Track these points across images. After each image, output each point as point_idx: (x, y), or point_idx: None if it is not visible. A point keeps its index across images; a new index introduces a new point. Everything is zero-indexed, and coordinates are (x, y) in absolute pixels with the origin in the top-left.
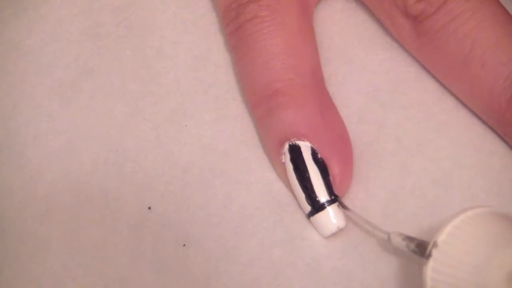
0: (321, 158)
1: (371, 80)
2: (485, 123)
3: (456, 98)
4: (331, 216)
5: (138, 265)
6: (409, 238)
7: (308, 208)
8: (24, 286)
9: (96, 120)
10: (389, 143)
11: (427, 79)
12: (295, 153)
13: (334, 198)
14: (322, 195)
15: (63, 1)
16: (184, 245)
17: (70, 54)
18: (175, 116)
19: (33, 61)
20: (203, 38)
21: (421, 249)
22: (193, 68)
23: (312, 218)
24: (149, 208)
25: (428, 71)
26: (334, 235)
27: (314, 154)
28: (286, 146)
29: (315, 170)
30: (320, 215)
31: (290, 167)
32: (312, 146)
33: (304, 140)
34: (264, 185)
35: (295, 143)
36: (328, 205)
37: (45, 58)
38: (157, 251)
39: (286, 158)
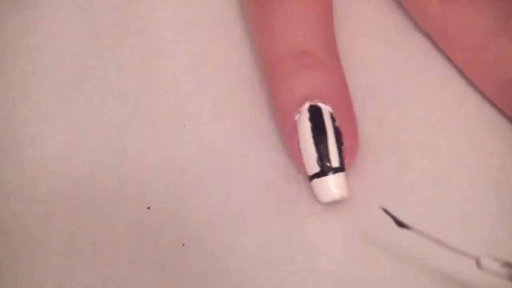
0: (338, 126)
1: (370, 78)
2: (484, 121)
3: (456, 95)
4: (336, 182)
5: (137, 265)
6: (509, 265)
7: (315, 169)
8: (24, 286)
9: (95, 120)
10: (388, 141)
11: (427, 77)
12: (316, 113)
13: (342, 167)
14: (334, 160)
15: (61, 0)
16: (183, 244)
17: (69, 54)
18: (174, 115)
19: (31, 61)
20: (202, 37)
21: None
22: (192, 68)
23: (316, 180)
24: (148, 208)
25: (428, 70)
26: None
27: (333, 120)
28: (306, 105)
29: (333, 135)
30: (326, 178)
31: (307, 125)
32: (332, 113)
33: (326, 104)
34: (263, 183)
35: (318, 104)
36: (335, 172)
37: (44, 57)
38: (156, 251)
39: (303, 116)
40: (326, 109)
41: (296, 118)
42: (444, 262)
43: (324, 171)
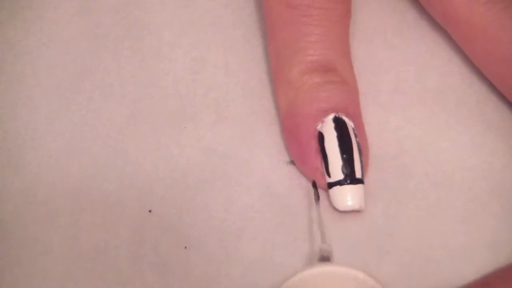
0: (358, 141)
1: (371, 81)
2: (485, 122)
3: (456, 97)
4: (358, 192)
5: (139, 268)
6: None
7: (339, 176)
8: None
9: (95, 122)
10: (389, 145)
11: (427, 78)
12: (342, 125)
13: (362, 179)
14: (358, 171)
15: (59, 1)
16: (185, 247)
17: (68, 55)
18: (174, 118)
19: (30, 62)
20: (201, 39)
21: None
22: (192, 70)
23: (337, 188)
24: (150, 211)
25: (428, 72)
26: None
27: (354, 135)
28: (331, 116)
29: (357, 148)
30: (348, 187)
31: (333, 134)
32: (354, 129)
33: (350, 120)
34: (265, 187)
35: (342, 117)
36: (357, 183)
37: (43, 59)
38: (158, 254)
39: (328, 125)
40: (349, 124)
41: (318, 126)
42: (445, 264)
43: (347, 179)
